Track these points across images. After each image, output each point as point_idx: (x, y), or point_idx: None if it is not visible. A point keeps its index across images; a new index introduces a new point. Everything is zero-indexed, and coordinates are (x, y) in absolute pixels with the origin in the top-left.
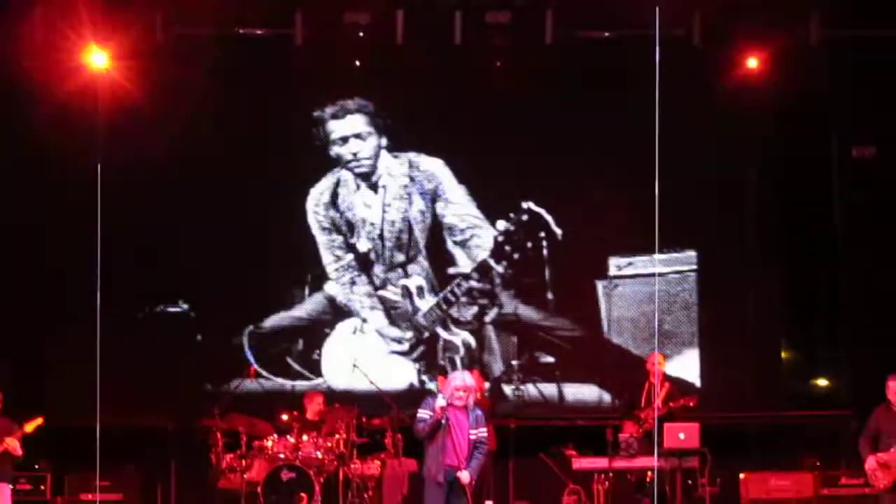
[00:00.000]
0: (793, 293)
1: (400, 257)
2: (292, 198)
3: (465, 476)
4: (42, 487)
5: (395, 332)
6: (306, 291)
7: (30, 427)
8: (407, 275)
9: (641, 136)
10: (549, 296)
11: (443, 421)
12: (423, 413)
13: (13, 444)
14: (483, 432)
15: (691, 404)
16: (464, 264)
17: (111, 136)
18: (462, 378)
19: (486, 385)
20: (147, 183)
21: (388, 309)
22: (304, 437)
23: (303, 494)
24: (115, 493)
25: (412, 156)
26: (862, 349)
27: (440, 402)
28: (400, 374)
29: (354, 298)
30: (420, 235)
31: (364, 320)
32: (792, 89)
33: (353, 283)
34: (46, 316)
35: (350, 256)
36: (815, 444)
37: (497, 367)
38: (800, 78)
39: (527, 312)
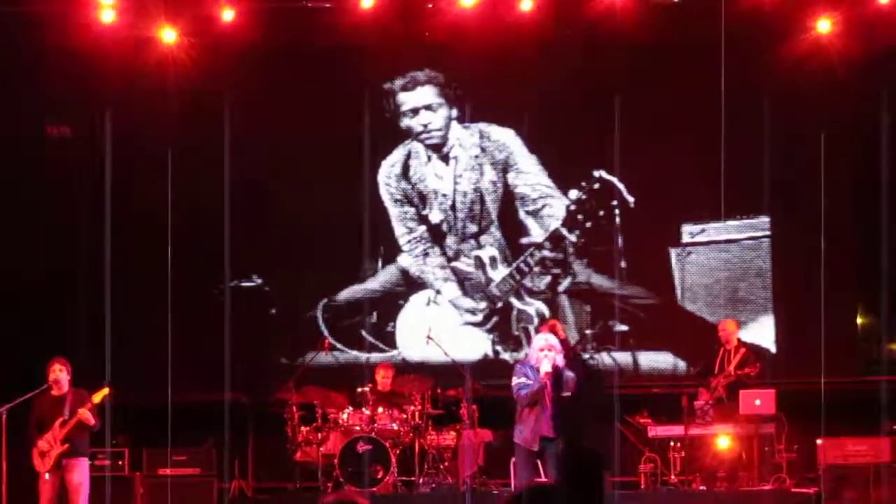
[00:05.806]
0: (867, 257)
1: (472, 228)
2: (364, 170)
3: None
4: (120, 463)
5: (468, 303)
6: (379, 264)
7: (97, 397)
8: (479, 245)
9: (712, 103)
10: (622, 264)
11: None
12: (521, 380)
13: (85, 415)
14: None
15: (752, 373)
16: (536, 234)
17: (181, 113)
18: (544, 339)
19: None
20: (217, 157)
21: (462, 280)
22: (380, 409)
23: (379, 466)
24: (191, 468)
25: (483, 126)
26: None
27: (545, 367)
28: (474, 345)
29: (427, 270)
30: (492, 206)
31: (437, 292)
32: (861, 51)
33: (425, 254)
34: (121, 292)
35: (422, 228)
36: (891, 408)
37: (571, 337)
38: (870, 39)
39: (600, 281)
